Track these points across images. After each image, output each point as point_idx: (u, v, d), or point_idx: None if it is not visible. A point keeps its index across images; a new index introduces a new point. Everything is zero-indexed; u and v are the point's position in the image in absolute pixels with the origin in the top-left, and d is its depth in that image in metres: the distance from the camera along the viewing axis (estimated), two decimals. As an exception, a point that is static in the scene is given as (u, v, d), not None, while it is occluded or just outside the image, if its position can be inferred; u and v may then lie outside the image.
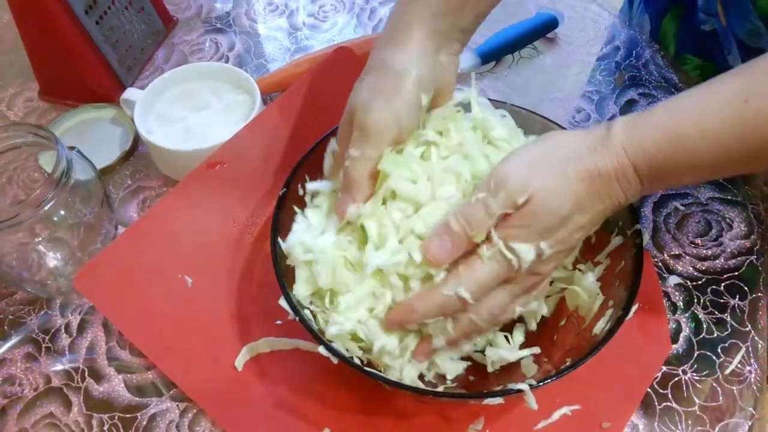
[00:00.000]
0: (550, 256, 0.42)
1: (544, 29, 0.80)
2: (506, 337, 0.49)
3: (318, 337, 0.44)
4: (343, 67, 0.68)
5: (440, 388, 0.47)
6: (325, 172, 0.53)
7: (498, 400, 0.43)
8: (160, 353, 0.52)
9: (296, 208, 0.50)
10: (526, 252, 0.41)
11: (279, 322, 0.52)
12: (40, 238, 0.55)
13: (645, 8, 0.80)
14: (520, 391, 0.43)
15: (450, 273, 0.44)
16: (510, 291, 0.44)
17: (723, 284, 0.59)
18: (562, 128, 0.54)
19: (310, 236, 0.48)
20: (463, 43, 0.52)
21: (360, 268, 0.46)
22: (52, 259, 0.57)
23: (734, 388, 0.53)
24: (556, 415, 0.49)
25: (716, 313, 0.57)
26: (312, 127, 0.56)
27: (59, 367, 0.55)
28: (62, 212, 0.54)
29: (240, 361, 0.52)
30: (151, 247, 0.57)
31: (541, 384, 0.42)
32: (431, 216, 0.45)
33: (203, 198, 0.60)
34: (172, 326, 0.53)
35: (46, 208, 0.52)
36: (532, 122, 0.54)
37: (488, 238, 0.42)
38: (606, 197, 0.42)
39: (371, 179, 0.47)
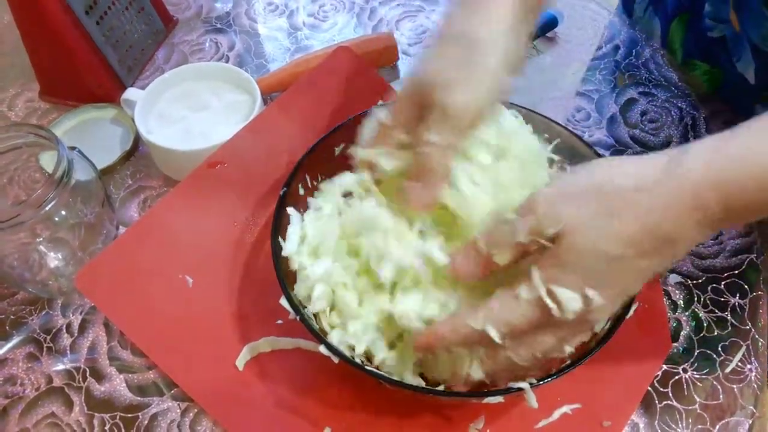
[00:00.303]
0: (602, 306, 0.37)
1: (543, 28, 0.80)
2: None
3: (319, 336, 0.44)
4: (343, 67, 0.68)
5: (440, 387, 0.47)
6: (362, 139, 0.47)
7: (498, 399, 0.43)
8: (161, 353, 0.52)
9: (290, 210, 0.50)
10: (570, 300, 0.37)
11: (280, 321, 0.53)
12: (41, 239, 0.55)
13: (654, 13, 0.80)
14: (520, 389, 0.43)
15: (483, 304, 0.40)
16: (556, 336, 0.39)
17: (723, 283, 0.59)
18: (563, 127, 0.54)
19: (305, 251, 0.48)
20: (535, 22, 0.46)
21: (362, 294, 0.46)
22: (54, 260, 0.58)
23: (735, 386, 0.53)
24: (556, 414, 0.49)
25: (717, 311, 0.57)
26: (312, 126, 0.56)
27: (60, 366, 0.55)
28: (63, 212, 0.54)
29: (241, 361, 0.52)
30: (151, 247, 0.57)
31: (541, 382, 0.42)
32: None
33: (204, 198, 0.60)
34: (173, 326, 0.54)
35: (47, 208, 0.52)
36: (532, 121, 0.54)
37: (529, 277, 0.38)
38: (678, 239, 0.36)
39: (448, 167, 0.43)
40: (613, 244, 0.36)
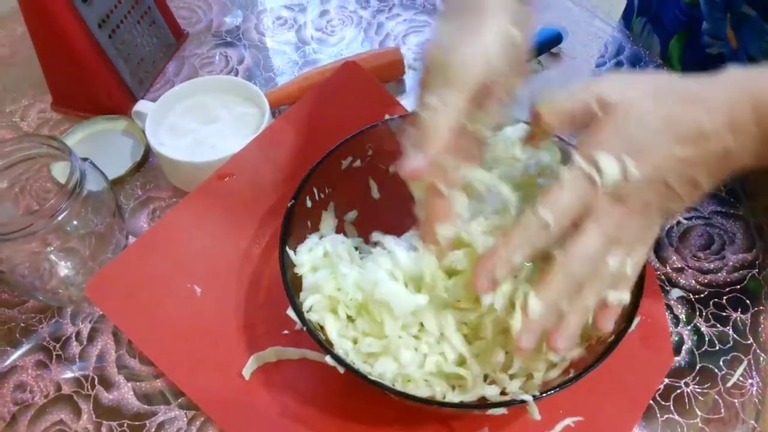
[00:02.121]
0: (639, 183, 0.37)
1: (548, 44, 0.81)
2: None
3: (325, 346, 0.45)
4: (351, 81, 0.69)
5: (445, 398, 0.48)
6: (409, 145, 0.41)
7: (502, 411, 0.44)
8: (169, 362, 0.53)
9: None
10: (608, 164, 0.37)
11: (286, 331, 0.53)
12: (52, 248, 0.56)
13: (653, 30, 0.81)
14: (523, 401, 0.43)
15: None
16: (597, 227, 0.38)
17: (725, 297, 0.59)
18: (567, 143, 0.54)
19: (308, 263, 0.50)
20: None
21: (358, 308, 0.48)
22: (64, 269, 0.58)
23: (736, 400, 0.53)
24: (559, 427, 0.50)
25: (718, 326, 0.57)
26: (320, 139, 0.57)
27: (69, 374, 0.56)
28: (74, 222, 0.55)
29: (247, 371, 0.53)
30: (160, 256, 0.58)
31: (544, 395, 0.43)
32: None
33: (212, 209, 0.61)
34: (181, 335, 0.54)
35: (59, 218, 0.53)
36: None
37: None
38: (711, 133, 0.37)
39: (449, 132, 0.40)
40: (653, 117, 0.38)
